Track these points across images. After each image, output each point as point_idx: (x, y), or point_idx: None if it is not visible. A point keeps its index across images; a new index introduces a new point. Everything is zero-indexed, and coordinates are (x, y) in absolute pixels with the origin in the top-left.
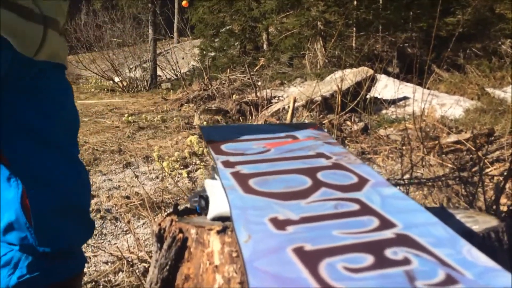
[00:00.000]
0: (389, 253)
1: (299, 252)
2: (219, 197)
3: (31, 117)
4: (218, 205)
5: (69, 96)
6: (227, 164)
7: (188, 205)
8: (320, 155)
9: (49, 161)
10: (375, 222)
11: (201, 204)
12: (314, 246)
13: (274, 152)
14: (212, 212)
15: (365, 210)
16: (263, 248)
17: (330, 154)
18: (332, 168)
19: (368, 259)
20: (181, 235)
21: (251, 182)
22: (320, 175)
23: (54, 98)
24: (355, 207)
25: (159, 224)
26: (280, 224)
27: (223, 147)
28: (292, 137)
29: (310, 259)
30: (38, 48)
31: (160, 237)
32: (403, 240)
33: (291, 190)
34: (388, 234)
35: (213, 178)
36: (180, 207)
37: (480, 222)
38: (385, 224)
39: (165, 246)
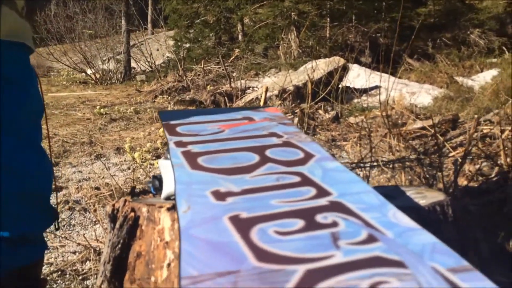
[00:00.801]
0: (319, 218)
1: (234, 220)
2: (171, 177)
3: None
4: (170, 184)
5: (33, 80)
6: (179, 144)
7: (145, 186)
8: (272, 134)
9: (9, 146)
10: (312, 192)
11: (155, 184)
12: (250, 214)
13: (228, 132)
14: (165, 191)
15: (305, 181)
16: (201, 217)
17: (282, 134)
18: (282, 146)
19: (299, 223)
20: (132, 214)
21: (200, 160)
22: (268, 152)
23: (18, 83)
24: (296, 179)
25: (113, 205)
26: (220, 196)
27: (178, 128)
28: (248, 119)
29: (244, 225)
30: None
31: (113, 218)
32: (335, 207)
33: (238, 166)
34: (322, 202)
35: (167, 159)
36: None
37: (428, 197)
38: (321, 193)
39: (117, 225)
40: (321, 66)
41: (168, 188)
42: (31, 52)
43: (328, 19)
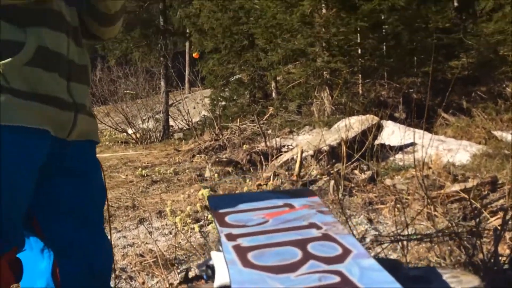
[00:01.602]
0: None
1: None
2: (223, 268)
3: (68, 196)
4: (222, 276)
5: (98, 172)
6: (229, 237)
7: (197, 271)
8: (312, 225)
9: (81, 236)
10: None
11: (208, 273)
12: None
13: (272, 223)
14: (217, 282)
15: (345, 282)
16: None
17: (321, 224)
18: (321, 240)
19: None
20: None
21: (250, 256)
22: (310, 247)
23: (87, 176)
24: (336, 279)
25: None
26: None
27: (227, 218)
28: (289, 206)
29: None
30: (69, 131)
31: None
32: None
33: (283, 264)
34: None
35: (218, 250)
36: (192, 266)
37: (464, 282)
38: None
39: None
40: (355, 125)
41: (221, 279)
42: (98, 143)
43: (360, 75)
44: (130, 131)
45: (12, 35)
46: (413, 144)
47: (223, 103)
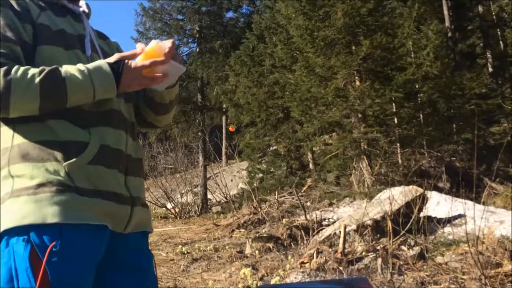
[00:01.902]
0: None
1: None
2: None
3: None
4: None
5: (151, 264)
6: None
7: None
8: None
9: None
10: None
11: None
12: None
13: None
14: None
15: None
16: None
17: None
18: None
19: None
20: None
21: None
22: None
23: (141, 270)
24: None
25: None
26: None
27: None
28: None
29: None
30: (126, 225)
31: None
32: None
33: None
34: None
35: None
36: None
37: None
38: None
39: None
40: (398, 197)
41: None
42: (150, 233)
43: (398, 144)
44: (169, 205)
45: (76, 135)
46: (461, 216)
47: (260, 175)
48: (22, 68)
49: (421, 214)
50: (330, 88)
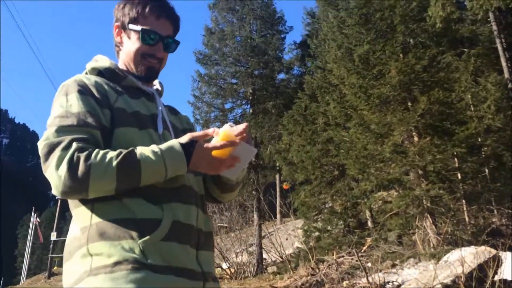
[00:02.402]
0: None
1: None
2: None
3: None
4: None
5: None
6: None
7: None
8: None
9: None
10: None
11: None
12: None
13: None
14: None
15: None
16: None
17: None
18: None
19: None
20: None
21: None
22: None
23: None
24: None
25: None
26: None
27: None
28: None
29: None
30: None
31: None
32: None
33: None
34: None
35: None
36: None
37: None
38: None
39: None
40: (468, 258)
41: None
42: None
43: (464, 201)
44: (224, 265)
45: (150, 213)
46: None
47: (317, 233)
48: (101, 152)
49: (496, 278)
50: (387, 145)
